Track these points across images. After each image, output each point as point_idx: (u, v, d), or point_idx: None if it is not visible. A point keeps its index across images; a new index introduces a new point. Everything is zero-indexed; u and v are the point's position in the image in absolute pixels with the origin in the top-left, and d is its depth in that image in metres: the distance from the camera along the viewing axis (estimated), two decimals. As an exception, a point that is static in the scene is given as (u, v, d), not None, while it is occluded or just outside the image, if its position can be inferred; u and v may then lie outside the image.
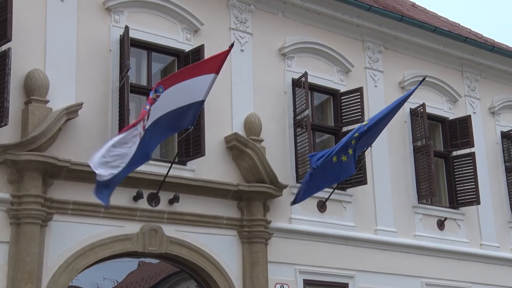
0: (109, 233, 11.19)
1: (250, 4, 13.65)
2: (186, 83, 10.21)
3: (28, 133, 10.55)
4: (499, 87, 17.47)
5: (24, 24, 10.98)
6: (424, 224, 15.09)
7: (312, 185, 12.10)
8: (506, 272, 16.00)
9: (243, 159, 12.60)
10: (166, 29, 12.61)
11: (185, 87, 10.21)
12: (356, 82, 14.68)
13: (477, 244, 15.82)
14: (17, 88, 10.79)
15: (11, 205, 10.38)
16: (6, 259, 10.25)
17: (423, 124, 15.05)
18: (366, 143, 12.48)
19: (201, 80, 10.35)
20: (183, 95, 10.25)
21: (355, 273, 13.67)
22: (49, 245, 10.63)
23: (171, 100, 10.14)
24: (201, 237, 12.09)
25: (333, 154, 11.84)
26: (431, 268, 14.79)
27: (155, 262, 12.12)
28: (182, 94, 10.22)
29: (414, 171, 15.08)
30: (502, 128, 17.13)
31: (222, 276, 12.15)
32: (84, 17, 11.76)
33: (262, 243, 12.55)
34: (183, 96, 10.26)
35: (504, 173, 16.81)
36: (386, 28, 15.33)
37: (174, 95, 10.13)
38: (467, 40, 16.49)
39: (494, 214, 16.29)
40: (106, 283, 11.79)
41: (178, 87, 10.13)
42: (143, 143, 9.97)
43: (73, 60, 11.51)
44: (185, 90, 10.25)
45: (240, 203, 12.59)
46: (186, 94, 10.29)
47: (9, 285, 10.17)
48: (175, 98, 10.17)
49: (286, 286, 12.82)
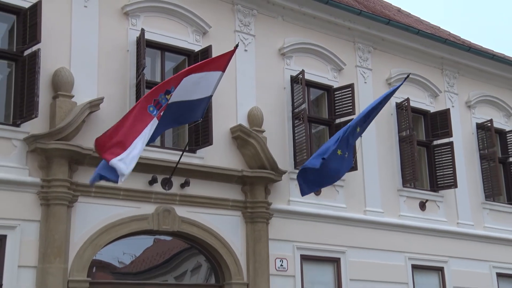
0: (127, 213, 11.25)
1: (253, 9, 13.65)
2: (196, 79, 10.17)
3: (56, 125, 10.56)
4: (475, 84, 17.41)
5: (51, 27, 11.00)
6: (408, 205, 15.13)
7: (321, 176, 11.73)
8: (479, 247, 16.00)
9: (247, 147, 12.63)
10: (177, 32, 12.59)
11: (194, 82, 10.19)
12: (348, 79, 14.68)
13: (454, 222, 15.86)
14: (46, 84, 10.80)
15: (41, 188, 10.41)
16: (37, 236, 10.29)
17: (407, 116, 15.07)
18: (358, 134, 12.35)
19: (209, 76, 10.34)
20: (192, 90, 10.23)
21: (346, 249, 13.70)
22: (75, 224, 10.70)
23: (181, 92, 10.09)
24: (209, 217, 12.14)
25: (336, 148, 11.63)
26: (414, 244, 14.83)
27: (169, 239, 12.14)
28: (191, 88, 10.20)
29: (399, 158, 15.10)
30: (477, 120, 17.10)
31: (228, 252, 12.19)
32: (104, 21, 11.76)
33: (263, 223, 12.59)
34: (193, 90, 10.24)
35: (478, 160, 16.81)
36: (374, 31, 15.34)
37: (183, 88, 10.09)
38: (446, 41, 16.52)
39: (469, 196, 16.33)
40: (126, 257, 11.71)
41: (188, 80, 10.08)
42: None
43: (95, 59, 11.49)
44: (195, 85, 10.23)
45: (244, 187, 12.61)
46: (196, 89, 10.28)
47: (41, 259, 10.20)
48: (184, 91, 10.13)
49: (285, 260, 12.85)
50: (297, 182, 13.19)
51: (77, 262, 10.58)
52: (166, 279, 12.13)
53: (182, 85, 10.02)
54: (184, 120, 10.83)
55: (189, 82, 10.11)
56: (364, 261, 13.91)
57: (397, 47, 15.90)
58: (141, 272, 11.91)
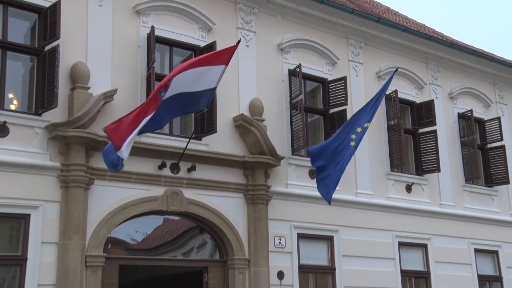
0: (139, 195, 11.28)
1: (254, 8, 13.62)
2: (200, 72, 10.10)
3: (74, 114, 10.57)
4: (457, 77, 17.36)
5: (69, 25, 11.00)
6: (395, 188, 15.13)
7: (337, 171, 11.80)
8: (459, 226, 16.03)
9: (248, 135, 12.63)
10: (184, 28, 12.57)
11: (199, 75, 10.11)
12: (341, 72, 14.65)
13: (437, 203, 15.88)
14: (64, 77, 10.81)
15: (61, 172, 10.46)
16: (58, 215, 10.39)
17: (395, 107, 15.07)
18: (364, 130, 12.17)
19: (213, 70, 10.27)
20: (198, 81, 10.16)
21: (339, 228, 13.74)
22: (92, 204, 10.75)
23: (185, 82, 10.00)
24: (214, 199, 12.15)
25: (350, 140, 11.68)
26: (400, 223, 14.85)
27: (177, 218, 12.12)
28: (196, 80, 10.12)
29: (387, 145, 15.10)
30: (459, 110, 17.07)
31: (231, 230, 12.23)
32: (118, 19, 11.75)
33: (263, 204, 12.61)
34: (198, 82, 10.17)
35: (459, 147, 16.80)
36: (365, 28, 15.30)
37: (188, 79, 10.01)
38: (431, 38, 16.48)
39: (451, 180, 16.33)
40: (138, 235, 11.72)
41: (193, 72, 10.02)
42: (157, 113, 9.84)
43: (109, 54, 11.48)
44: (200, 78, 10.15)
45: (246, 171, 12.62)
46: (201, 81, 10.21)
47: (61, 236, 10.31)
48: (189, 82, 10.04)
49: (283, 238, 12.88)
50: (292, 167, 13.47)
51: (93, 239, 10.64)
52: (175, 255, 12.17)
53: (187, 77, 9.96)
54: (191, 109, 10.80)
55: (195, 74, 10.06)
56: (355, 239, 13.95)
57: (386, 43, 15.86)
58: (152, 249, 11.94)
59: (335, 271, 13.59)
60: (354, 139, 11.70)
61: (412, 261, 15.05)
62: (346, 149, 11.70)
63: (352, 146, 11.69)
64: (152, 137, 11.56)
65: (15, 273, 10.03)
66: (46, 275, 10.15)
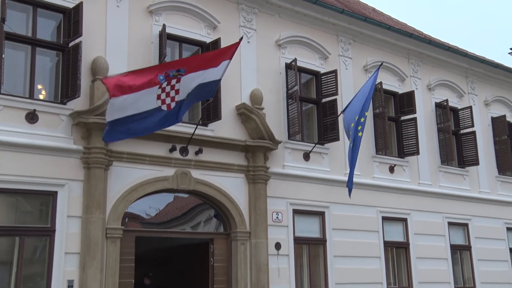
0: (152, 175, 11.30)
1: (255, 8, 13.60)
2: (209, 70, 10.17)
3: (94, 103, 10.61)
4: (435, 70, 17.32)
5: (91, 23, 11.02)
6: (380, 169, 15.17)
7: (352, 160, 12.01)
8: (435, 202, 16.07)
9: (249, 122, 12.64)
10: (192, 26, 12.54)
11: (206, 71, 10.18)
12: (332, 65, 14.63)
13: (416, 182, 15.88)
14: (86, 70, 10.83)
15: (84, 154, 10.50)
16: (81, 192, 10.46)
17: (380, 97, 15.08)
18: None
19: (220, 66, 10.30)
20: (205, 75, 10.18)
21: (329, 204, 13.79)
22: (111, 183, 10.79)
23: (196, 80, 10.05)
24: (218, 179, 12.17)
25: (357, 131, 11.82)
26: (384, 200, 14.91)
27: (186, 196, 12.11)
28: (204, 74, 10.16)
29: (373, 130, 15.12)
30: (436, 100, 17.05)
31: (234, 207, 12.27)
32: (133, 18, 11.76)
33: (262, 183, 12.62)
34: (206, 75, 10.19)
35: (436, 133, 16.77)
36: (354, 26, 15.27)
37: (198, 76, 10.06)
38: (412, 36, 16.45)
39: (429, 161, 16.33)
40: (151, 210, 11.72)
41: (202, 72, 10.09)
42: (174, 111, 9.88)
43: (125, 49, 11.47)
44: (207, 72, 10.20)
45: (247, 154, 12.62)
46: (208, 74, 10.23)
47: (84, 210, 10.40)
48: (199, 78, 10.09)
49: (280, 213, 12.92)
50: (288, 150, 13.42)
51: (113, 213, 10.71)
52: (184, 228, 12.22)
53: (192, 77, 9.99)
54: (199, 98, 10.80)
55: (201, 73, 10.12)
56: (344, 214, 14.00)
57: (372, 40, 15.83)
58: (163, 222, 11.97)
59: (326, 242, 13.65)
60: (360, 129, 11.78)
61: (393, 233, 15.09)
62: (358, 141, 11.85)
63: (360, 136, 11.81)
64: (164, 124, 11.61)
65: (46, 242, 10.13)
66: (72, 244, 10.24)
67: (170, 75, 9.78)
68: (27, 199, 10.21)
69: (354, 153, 11.95)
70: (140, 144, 11.14)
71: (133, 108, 9.59)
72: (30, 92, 10.48)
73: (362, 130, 11.88)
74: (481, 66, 18.55)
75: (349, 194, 12.32)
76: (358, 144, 11.93)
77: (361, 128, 11.85)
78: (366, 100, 12.09)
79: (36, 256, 10.12)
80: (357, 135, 11.81)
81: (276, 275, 12.58)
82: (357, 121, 11.90)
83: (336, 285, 13.56)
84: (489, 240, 17.24)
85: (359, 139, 11.87)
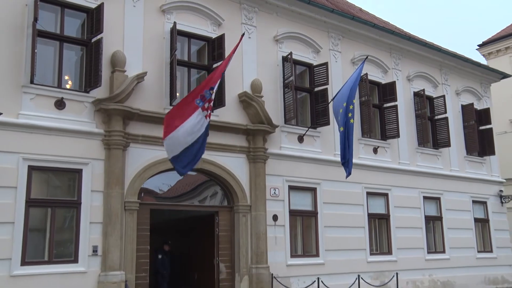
0: (165, 155, 10.58)
1: (255, 7, 13.54)
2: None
3: (113, 91, 10.66)
4: (413, 63, 17.27)
5: (111, 21, 11.02)
6: (365, 150, 15.14)
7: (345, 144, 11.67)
8: (412, 179, 16.16)
9: (250, 108, 12.63)
10: (200, 24, 12.48)
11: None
12: (323, 58, 14.60)
13: (396, 162, 15.93)
14: (106, 62, 10.87)
15: (104, 136, 10.57)
16: (103, 170, 10.53)
17: (366, 87, 15.08)
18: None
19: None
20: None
21: (320, 181, 13.83)
22: (128, 162, 10.83)
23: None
24: (223, 159, 12.18)
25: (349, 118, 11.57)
26: (368, 177, 14.91)
27: (194, 174, 12.02)
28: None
29: (359, 116, 15.03)
30: (414, 89, 17.05)
31: (236, 183, 12.30)
32: (148, 16, 11.71)
33: (262, 162, 12.63)
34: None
35: (414, 118, 16.74)
36: (343, 24, 15.21)
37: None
38: (394, 33, 16.43)
39: (407, 143, 16.37)
40: (164, 186, 11.68)
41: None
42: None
43: (140, 44, 11.45)
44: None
45: (248, 137, 12.62)
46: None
47: (105, 186, 10.48)
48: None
49: (277, 189, 12.95)
50: (285, 134, 13.40)
51: (130, 189, 10.78)
52: (193, 202, 12.23)
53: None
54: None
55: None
56: (333, 190, 14.05)
57: (359, 36, 15.76)
58: (175, 197, 11.98)
59: (317, 215, 13.72)
60: (351, 116, 11.63)
61: (376, 206, 15.18)
62: (351, 127, 11.68)
63: (352, 123, 11.68)
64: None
65: (73, 213, 10.25)
66: (95, 215, 10.34)
67: (206, 96, 9.79)
68: (57, 175, 10.27)
69: (349, 138, 11.68)
70: (153, 128, 11.13)
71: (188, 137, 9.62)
72: (58, 82, 10.50)
73: (353, 117, 11.75)
74: (453, 60, 18.55)
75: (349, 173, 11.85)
76: (352, 130, 11.78)
77: (352, 115, 11.72)
78: (352, 88, 12.02)
79: (65, 225, 10.22)
80: (349, 122, 11.65)
81: (274, 243, 12.65)
82: (346, 108, 11.78)
83: (325, 251, 13.65)
84: (458, 211, 17.41)
85: (351, 125, 11.72)
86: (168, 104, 11.55)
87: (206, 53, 12.59)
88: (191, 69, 12.44)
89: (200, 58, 12.66)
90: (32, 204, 9.80)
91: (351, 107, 11.76)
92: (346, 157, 11.63)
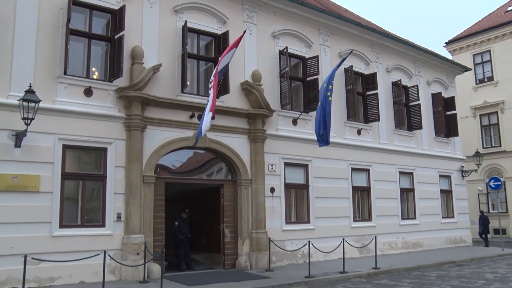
0: (176, 136, 11.33)
1: (255, 8, 13.47)
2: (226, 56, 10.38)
3: (133, 81, 10.68)
4: (391, 57, 17.23)
5: (131, 20, 11.02)
6: (350, 132, 15.18)
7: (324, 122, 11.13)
8: (390, 157, 16.13)
9: (251, 95, 12.61)
10: (207, 22, 12.44)
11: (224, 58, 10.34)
12: (315, 52, 14.59)
13: (377, 142, 15.98)
14: (127, 56, 10.88)
15: (125, 120, 10.60)
16: (124, 149, 10.59)
17: (351, 77, 15.08)
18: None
19: (229, 52, 10.45)
20: (222, 62, 10.33)
21: (311, 159, 13.85)
22: (146, 142, 10.88)
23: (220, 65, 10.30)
24: (227, 139, 12.20)
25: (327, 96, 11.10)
26: (353, 155, 15.00)
27: (202, 152, 12.06)
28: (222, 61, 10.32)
29: (345, 102, 15.08)
30: (392, 79, 17.05)
31: (239, 160, 12.34)
32: (163, 15, 11.67)
33: (261, 142, 12.66)
34: (222, 62, 10.35)
35: (392, 105, 16.74)
36: (331, 22, 15.16)
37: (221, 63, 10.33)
38: (375, 30, 16.39)
39: (386, 126, 16.36)
40: (177, 162, 11.72)
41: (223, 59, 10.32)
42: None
43: (156, 39, 11.41)
44: (223, 59, 10.34)
45: (249, 120, 12.62)
46: (223, 60, 10.37)
47: (127, 162, 10.56)
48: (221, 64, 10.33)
49: (275, 165, 12.98)
50: (281, 117, 13.35)
51: (148, 164, 10.84)
52: (201, 176, 12.25)
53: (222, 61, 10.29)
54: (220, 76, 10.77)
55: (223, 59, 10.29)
56: (322, 166, 14.12)
57: (345, 33, 15.71)
58: (186, 172, 12.00)
59: (309, 187, 13.80)
60: (329, 94, 11.32)
61: (359, 180, 15.26)
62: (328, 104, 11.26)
63: (330, 100, 11.32)
64: (185, 96, 11.55)
65: (100, 185, 10.34)
66: (119, 187, 10.44)
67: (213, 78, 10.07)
68: (86, 153, 10.34)
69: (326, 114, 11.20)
70: (167, 112, 11.17)
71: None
72: (87, 73, 10.55)
73: (331, 95, 11.39)
74: (425, 54, 18.53)
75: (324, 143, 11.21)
76: (329, 107, 11.30)
77: (330, 94, 11.36)
78: (333, 72, 11.80)
79: (94, 195, 10.32)
80: (328, 99, 11.26)
81: (271, 211, 12.74)
82: (325, 87, 11.46)
83: (316, 219, 13.76)
84: (427, 184, 17.58)
85: (329, 103, 11.28)
86: (180, 91, 11.54)
87: (213, 47, 12.54)
88: (200, 61, 12.42)
89: (208, 51, 12.61)
90: (67, 177, 9.92)
91: (330, 87, 11.42)
92: (322, 129, 11.15)
